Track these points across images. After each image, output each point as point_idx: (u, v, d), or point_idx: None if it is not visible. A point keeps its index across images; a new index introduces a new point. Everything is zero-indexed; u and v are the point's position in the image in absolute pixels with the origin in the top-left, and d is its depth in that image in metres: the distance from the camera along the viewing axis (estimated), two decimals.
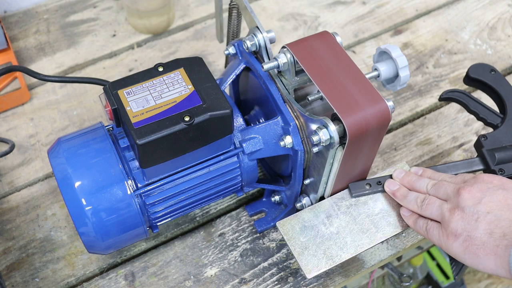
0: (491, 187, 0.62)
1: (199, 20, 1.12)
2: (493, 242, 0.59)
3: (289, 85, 0.71)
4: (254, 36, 0.71)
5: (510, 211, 0.59)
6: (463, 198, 0.62)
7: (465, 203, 0.62)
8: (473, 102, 0.78)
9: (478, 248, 0.60)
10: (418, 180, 0.69)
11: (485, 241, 0.59)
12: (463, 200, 0.62)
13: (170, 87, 0.67)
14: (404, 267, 1.45)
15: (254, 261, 0.81)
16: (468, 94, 0.79)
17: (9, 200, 0.86)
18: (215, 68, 1.03)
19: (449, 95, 0.80)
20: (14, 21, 1.10)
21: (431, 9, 1.15)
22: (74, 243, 0.82)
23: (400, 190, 0.70)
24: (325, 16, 1.13)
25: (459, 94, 0.79)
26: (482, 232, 0.60)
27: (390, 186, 0.71)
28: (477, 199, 0.61)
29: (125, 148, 0.70)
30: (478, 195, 0.62)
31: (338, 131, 0.63)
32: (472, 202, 0.61)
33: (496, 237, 0.59)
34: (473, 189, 0.62)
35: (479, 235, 0.60)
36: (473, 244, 0.60)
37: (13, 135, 0.93)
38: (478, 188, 0.62)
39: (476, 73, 0.80)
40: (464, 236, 0.61)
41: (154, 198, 0.70)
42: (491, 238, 0.59)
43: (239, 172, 0.75)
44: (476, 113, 0.78)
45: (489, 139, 0.74)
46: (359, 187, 0.72)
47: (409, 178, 0.70)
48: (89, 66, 1.04)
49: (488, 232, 0.59)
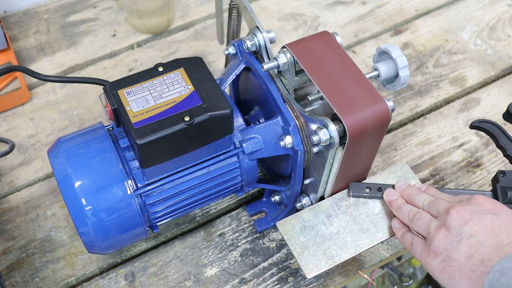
0: (482, 210, 0.61)
1: (199, 20, 1.12)
2: (471, 266, 0.58)
3: (289, 85, 0.71)
4: (254, 36, 0.71)
5: (493, 238, 0.58)
6: (451, 217, 0.61)
7: (452, 223, 0.61)
8: (504, 137, 0.75)
9: (455, 270, 0.59)
10: (417, 194, 0.69)
11: (462, 264, 0.58)
12: (450, 219, 0.61)
13: (170, 87, 0.66)
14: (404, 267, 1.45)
15: (254, 261, 0.81)
16: (500, 128, 0.76)
17: (9, 200, 0.86)
18: (215, 68, 1.03)
19: (481, 125, 0.76)
20: (14, 21, 1.10)
21: (431, 9, 1.15)
22: (74, 243, 0.82)
23: (397, 200, 0.70)
24: (325, 16, 1.13)
25: (491, 126, 0.76)
26: (461, 255, 0.59)
27: (389, 195, 0.71)
28: (464, 220, 0.60)
29: (125, 148, 0.70)
30: (466, 216, 0.61)
31: (338, 131, 0.63)
32: (458, 222, 0.61)
33: (474, 262, 0.58)
34: (463, 209, 0.62)
35: (458, 257, 0.59)
36: (450, 265, 0.59)
37: (13, 135, 0.93)
38: (468, 210, 0.61)
39: None
40: (443, 256, 0.60)
41: (154, 198, 0.70)
42: (469, 262, 0.58)
43: (239, 172, 0.75)
44: (504, 149, 0.75)
45: (508, 176, 0.72)
46: (359, 188, 0.72)
47: (409, 191, 0.70)
48: (89, 66, 1.04)
49: (468, 255, 0.59)
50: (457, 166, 0.92)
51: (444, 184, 0.89)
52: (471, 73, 1.04)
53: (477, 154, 0.93)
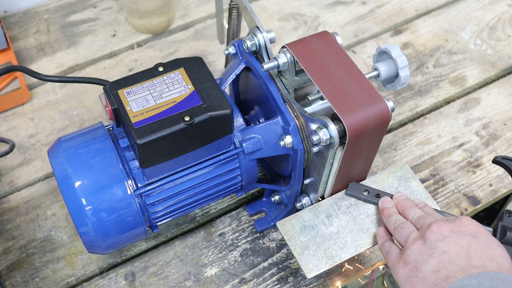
0: (463, 230, 0.61)
1: (199, 20, 1.12)
2: (434, 280, 0.58)
3: (289, 85, 0.71)
4: (254, 36, 0.71)
5: (465, 259, 0.58)
6: (431, 231, 0.61)
7: (429, 236, 0.61)
8: None
9: (419, 281, 0.59)
10: (411, 208, 0.69)
11: (427, 277, 0.58)
12: (429, 233, 0.61)
13: (170, 87, 0.66)
14: None
15: (254, 261, 0.81)
16: None
17: (9, 200, 0.86)
18: (215, 68, 1.03)
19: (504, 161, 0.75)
20: (14, 21, 1.10)
21: (431, 9, 1.15)
22: (74, 243, 0.82)
23: (390, 209, 0.70)
24: (325, 16, 1.13)
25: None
26: (429, 268, 0.59)
27: (384, 202, 0.71)
28: (442, 237, 0.61)
29: (125, 148, 0.70)
30: (445, 232, 0.61)
31: (338, 131, 0.63)
32: (435, 237, 0.61)
33: (439, 277, 0.58)
34: (444, 226, 0.62)
35: (425, 269, 0.59)
36: (415, 275, 0.59)
37: (13, 135, 0.93)
38: (449, 228, 0.61)
39: None
40: (412, 266, 0.60)
41: (154, 198, 0.70)
42: (434, 276, 0.58)
43: (239, 172, 0.75)
44: None
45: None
46: (356, 189, 0.72)
47: (405, 203, 0.70)
48: (89, 66, 1.04)
49: (435, 270, 0.59)
50: (457, 166, 0.92)
51: (444, 184, 0.89)
52: (471, 73, 1.04)
53: (477, 154, 0.93)
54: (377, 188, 0.73)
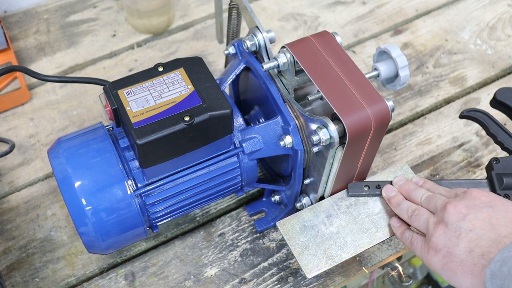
0: (478, 203, 0.62)
1: (199, 20, 1.12)
2: (471, 261, 0.58)
3: (289, 85, 0.71)
4: (254, 36, 0.71)
5: (492, 230, 0.59)
6: (448, 213, 0.62)
7: (449, 219, 0.61)
8: (494, 124, 0.75)
9: (456, 265, 0.59)
10: (415, 190, 0.69)
11: (463, 259, 0.59)
12: (447, 215, 0.62)
13: (170, 87, 0.67)
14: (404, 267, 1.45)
15: (254, 261, 0.81)
16: (490, 116, 0.76)
17: (9, 200, 0.86)
18: (215, 68, 1.03)
19: (470, 114, 0.77)
20: (14, 21, 1.10)
21: (431, 9, 1.15)
22: (74, 243, 0.82)
23: (395, 197, 0.70)
24: (325, 16, 1.13)
25: (480, 114, 0.76)
26: (462, 250, 0.59)
27: (387, 191, 0.71)
28: (462, 216, 0.61)
29: (125, 148, 0.70)
30: (463, 211, 0.61)
31: (338, 131, 0.63)
32: (456, 218, 0.61)
33: (474, 256, 0.58)
34: (460, 204, 0.62)
35: (458, 252, 0.59)
36: (451, 261, 0.60)
37: (13, 135, 0.94)
38: (465, 204, 0.62)
39: (503, 97, 0.77)
40: (444, 252, 0.61)
41: (154, 198, 0.70)
42: (469, 257, 0.58)
43: (239, 172, 0.75)
44: (494, 136, 0.75)
45: (501, 163, 0.72)
46: (357, 188, 0.72)
47: (407, 187, 0.70)
48: (89, 66, 1.04)
49: (468, 250, 0.59)
50: (457, 166, 0.92)
51: None
52: (471, 73, 1.04)
53: (477, 154, 0.93)
54: (374, 180, 0.73)
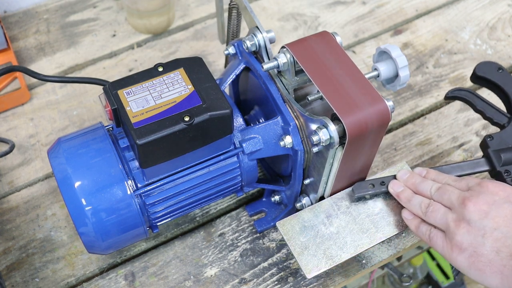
0: (497, 199, 0.61)
1: (199, 20, 1.12)
2: (500, 261, 0.58)
3: (289, 85, 0.71)
4: (254, 36, 0.71)
5: None
6: (469, 210, 0.61)
7: (471, 216, 0.61)
8: (480, 101, 0.76)
9: (485, 265, 0.59)
10: (422, 182, 0.68)
11: (492, 259, 0.59)
12: (468, 213, 0.61)
13: (170, 87, 0.67)
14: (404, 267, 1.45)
15: (254, 261, 0.81)
16: (474, 93, 0.77)
17: (9, 200, 0.86)
18: (215, 68, 1.03)
19: (455, 93, 0.77)
20: (14, 21, 1.10)
21: (431, 9, 1.15)
22: (74, 243, 0.82)
23: (404, 192, 0.69)
24: (325, 16, 1.13)
25: (465, 93, 0.77)
26: (489, 249, 0.59)
27: (394, 187, 0.70)
28: (484, 213, 0.60)
29: (125, 148, 0.70)
30: (484, 208, 0.61)
31: (338, 131, 0.63)
32: (478, 216, 0.61)
33: (503, 256, 0.58)
34: (479, 200, 0.61)
35: (486, 252, 0.59)
36: (479, 260, 0.60)
37: (13, 135, 0.94)
38: (484, 201, 0.61)
39: (483, 71, 0.78)
40: (470, 251, 0.60)
41: (154, 198, 0.70)
42: (498, 257, 0.58)
43: (239, 172, 0.75)
44: (482, 112, 0.75)
45: (495, 139, 0.72)
46: (362, 188, 0.72)
47: (413, 180, 0.69)
48: (89, 66, 1.04)
49: (495, 250, 0.59)
50: None
51: None
52: (471, 73, 1.04)
53: (477, 154, 0.93)
54: (377, 177, 0.73)
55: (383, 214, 0.72)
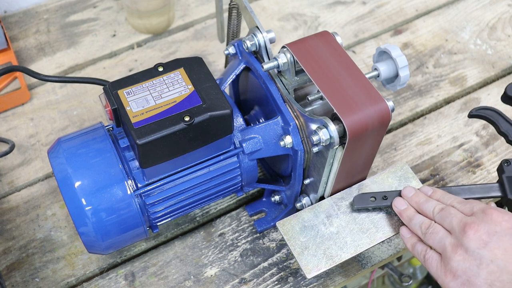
0: (499, 230, 0.60)
1: (199, 20, 1.12)
2: None
3: (289, 85, 0.71)
4: (254, 36, 0.71)
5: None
6: (468, 237, 0.60)
7: (470, 244, 0.60)
8: (505, 123, 0.73)
9: None
10: (426, 202, 0.67)
11: None
12: (467, 240, 0.60)
13: (170, 87, 0.67)
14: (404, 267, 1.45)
15: (254, 261, 0.81)
16: (501, 113, 0.74)
17: (9, 200, 0.86)
18: (215, 68, 1.03)
19: (479, 112, 0.74)
20: (14, 21, 1.10)
21: (431, 9, 1.15)
22: (74, 243, 0.82)
23: (407, 211, 0.68)
24: (325, 16, 1.13)
25: (491, 112, 0.74)
26: (482, 281, 0.58)
27: (398, 205, 0.69)
28: (483, 243, 0.59)
29: (125, 148, 0.70)
30: (484, 237, 0.60)
31: (338, 131, 0.63)
32: (477, 244, 0.59)
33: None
34: (480, 229, 0.60)
35: (479, 283, 0.58)
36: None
37: (13, 135, 0.93)
38: (485, 230, 0.60)
39: None
40: (463, 279, 0.60)
41: (154, 198, 0.70)
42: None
43: (239, 172, 0.75)
44: (506, 135, 0.72)
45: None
46: (362, 200, 0.71)
47: (417, 199, 0.68)
48: (89, 66, 1.04)
49: (489, 283, 0.58)
50: (457, 166, 0.91)
51: (444, 184, 0.89)
52: (471, 73, 1.04)
53: (477, 154, 0.93)
54: (380, 191, 0.72)
55: (383, 214, 0.72)
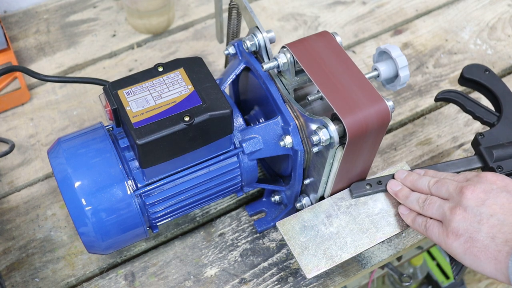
0: (495, 188, 0.62)
1: (199, 20, 1.12)
2: (495, 247, 0.58)
3: (289, 85, 0.71)
4: (254, 36, 0.71)
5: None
6: (466, 197, 0.62)
7: (468, 203, 0.61)
8: (469, 101, 0.79)
9: (480, 251, 0.59)
10: (419, 179, 0.69)
11: (487, 244, 0.59)
12: (465, 200, 0.61)
13: (170, 87, 0.67)
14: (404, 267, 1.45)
15: (254, 261, 0.81)
16: (463, 94, 0.80)
17: (9, 200, 0.86)
18: (215, 68, 1.03)
19: (444, 95, 0.80)
20: (14, 21, 1.10)
21: (431, 9, 1.15)
22: (74, 243, 0.82)
23: (402, 190, 0.70)
24: (325, 16, 1.13)
25: (455, 94, 0.80)
26: (484, 235, 0.59)
27: (392, 186, 0.71)
28: (481, 200, 0.61)
29: (125, 148, 0.70)
30: (481, 196, 0.61)
31: (338, 131, 0.63)
32: (475, 202, 0.61)
33: (498, 242, 0.58)
34: (477, 189, 0.62)
35: (481, 238, 0.59)
36: (474, 246, 0.60)
37: (13, 135, 0.94)
38: (482, 189, 0.62)
39: (470, 74, 0.81)
40: (465, 237, 0.60)
41: (154, 198, 0.70)
42: (493, 243, 0.58)
43: (239, 172, 0.75)
44: (472, 112, 0.78)
45: (486, 137, 0.75)
46: (359, 187, 0.73)
47: (411, 178, 0.70)
48: (89, 66, 1.04)
49: (491, 236, 0.59)
50: None
51: None
52: None
53: None
54: (374, 177, 0.73)
55: (383, 214, 0.72)
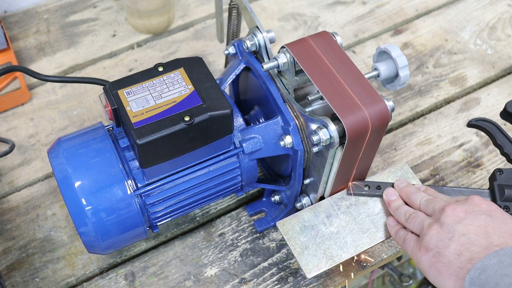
0: (477, 210, 0.61)
1: (199, 20, 1.12)
2: (459, 263, 0.58)
3: (289, 85, 0.71)
4: (254, 36, 0.71)
5: (485, 238, 0.58)
6: (445, 214, 0.62)
7: (445, 220, 0.61)
8: (502, 135, 0.75)
9: (444, 266, 0.59)
10: (415, 193, 0.69)
11: (451, 261, 0.59)
12: (444, 217, 0.62)
13: (170, 87, 0.67)
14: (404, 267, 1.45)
15: (254, 261, 0.81)
16: (497, 126, 0.76)
17: (9, 200, 0.86)
18: (215, 68, 1.03)
19: (478, 123, 0.77)
20: (14, 21, 1.10)
21: (431, 9, 1.15)
22: (74, 243, 0.82)
23: (395, 201, 0.70)
24: (325, 16, 1.13)
25: (489, 124, 0.76)
26: (451, 252, 0.59)
27: (388, 195, 0.71)
28: (458, 219, 0.61)
29: (125, 148, 0.70)
30: (460, 215, 0.61)
31: (338, 131, 0.63)
32: (452, 220, 0.61)
33: (462, 260, 0.58)
34: (458, 208, 0.62)
35: (448, 254, 0.59)
36: (439, 261, 0.60)
37: (13, 135, 0.93)
38: (463, 209, 0.62)
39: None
40: (434, 252, 0.60)
41: (154, 198, 0.70)
42: (458, 260, 0.58)
43: (239, 172, 0.75)
44: (501, 147, 0.75)
45: (505, 174, 0.72)
46: (358, 187, 0.73)
47: (408, 189, 0.70)
48: (89, 66, 1.04)
49: (457, 253, 0.59)
50: (457, 166, 0.92)
51: (444, 184, 0.89)
52: (471, 73, 1.04)
53: (477, 154, 0.93)
54: (375, 181, 0.73)
55: (383, 214, 0.72)
